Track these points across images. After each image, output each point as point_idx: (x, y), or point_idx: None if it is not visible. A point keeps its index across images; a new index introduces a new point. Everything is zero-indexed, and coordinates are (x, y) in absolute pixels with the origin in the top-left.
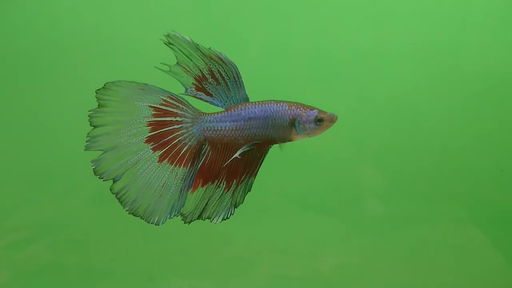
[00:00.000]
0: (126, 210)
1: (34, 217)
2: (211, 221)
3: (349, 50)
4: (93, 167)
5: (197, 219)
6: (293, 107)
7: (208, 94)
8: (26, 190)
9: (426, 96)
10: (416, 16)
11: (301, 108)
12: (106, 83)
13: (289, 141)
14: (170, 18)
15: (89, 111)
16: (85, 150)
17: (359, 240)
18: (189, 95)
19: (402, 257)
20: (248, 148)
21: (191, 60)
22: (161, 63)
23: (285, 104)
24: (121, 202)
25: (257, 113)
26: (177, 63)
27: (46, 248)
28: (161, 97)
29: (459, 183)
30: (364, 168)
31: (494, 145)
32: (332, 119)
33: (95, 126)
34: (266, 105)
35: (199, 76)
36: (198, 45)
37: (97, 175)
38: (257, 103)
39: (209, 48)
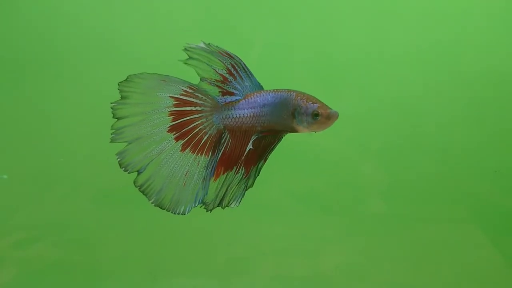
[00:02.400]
0: (152, 202)
1: (38, 216)
2: (229, 206)
3: (352, 51)
4: (118, 159)
5: (218, 206)
6: (299, 97)
7: (231, 94)
8: (30, 189)
9: (428, 96)
10: (418, 17)
11: (304, 100)
12: (129, 75)
13: (295, 132)
14: (172, 17)
15: (112, 103)
16: (110, 142)
17: (361, 239)
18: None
19: (403, 256)
20: (257, 136)
21: (210, 66)
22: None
23: (294, 93)
24: (145, 194)
25: (269, 99)
26: (201, 79)
27: (50, 247)
28: (181, 87)
29: (460, 183)
30: (366, 168)
31: (495, 145)
32: (328, 116)
33: (118, 118)
34: (278, 93)
35: (220, 80)
36: (209, 44)
37: (122, 168)
38: (271, 90)
39: (216, 46)
